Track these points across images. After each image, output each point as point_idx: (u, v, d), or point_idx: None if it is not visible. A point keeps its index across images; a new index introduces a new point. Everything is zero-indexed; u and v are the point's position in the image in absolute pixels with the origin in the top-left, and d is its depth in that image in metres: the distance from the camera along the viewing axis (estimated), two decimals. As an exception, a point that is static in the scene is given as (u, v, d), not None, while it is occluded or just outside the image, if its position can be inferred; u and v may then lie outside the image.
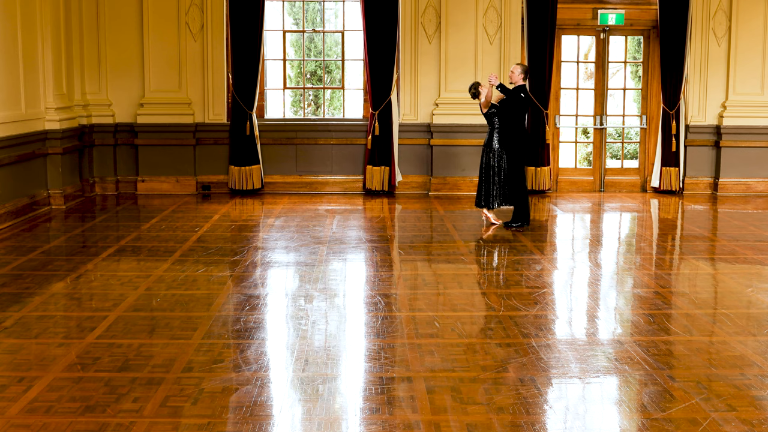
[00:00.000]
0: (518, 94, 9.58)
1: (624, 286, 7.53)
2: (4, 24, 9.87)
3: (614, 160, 15.03)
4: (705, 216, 11.21)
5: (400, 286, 7.20)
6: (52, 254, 8.40)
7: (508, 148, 9.74)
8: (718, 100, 12.71)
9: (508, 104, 9.66)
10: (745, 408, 4.52)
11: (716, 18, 12.55)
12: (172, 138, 12.34)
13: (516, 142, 9.75)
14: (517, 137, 9.74)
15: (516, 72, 9.68)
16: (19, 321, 6.05)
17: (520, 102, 9.60)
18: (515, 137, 9.73)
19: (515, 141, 9.74)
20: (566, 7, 12.56)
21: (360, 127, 12.63)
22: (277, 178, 12.62)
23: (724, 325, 6.08)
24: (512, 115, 9.67)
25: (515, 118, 9.68)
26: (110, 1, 12.12)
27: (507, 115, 9.69)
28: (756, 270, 7.93)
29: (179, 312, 6.29)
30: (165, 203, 11.58)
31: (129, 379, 4.89)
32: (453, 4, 12.26)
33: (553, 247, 9.26)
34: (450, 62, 12.35)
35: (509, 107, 9.65)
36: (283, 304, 6.68)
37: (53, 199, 10.96)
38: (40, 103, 10.78)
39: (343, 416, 4.44)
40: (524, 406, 4.52)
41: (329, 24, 15.70)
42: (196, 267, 7.74)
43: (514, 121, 9.69)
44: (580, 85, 13.50)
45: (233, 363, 5.17)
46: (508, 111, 9.67)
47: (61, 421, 4.29)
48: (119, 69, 12.28)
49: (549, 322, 6.19)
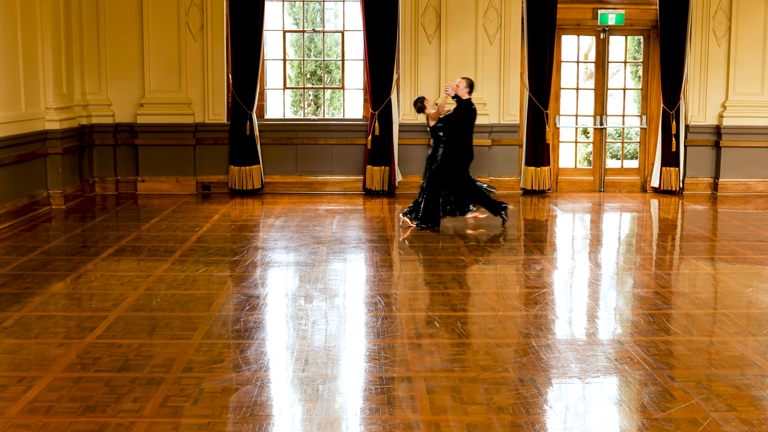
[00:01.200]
0: (470, 106, 9.63)
1: (624, 286, 7.53)
2: (4, 24, 9.87)
3: (614, 160, 15.03)
4: (705, 216, 11.21)
5: (400, 286, 7.20)
6: (52, 254, 8.40)
7: (454, 162, 9.67)
8: (718, 100, 12.71)
9: (456, 118, 9.63)
10: (745, 408, 4.52)
11: (716, 18, 12.55)
12: (172, 138, 12.34)
13: (462, 156, 9.72)
14: (463, 150, 9.72)
15: (462, 86, 9.66)
16: (19, 321, 6.05)
17: (469, 115, 9.61)
18: (461, 151, 9.70)
19: (461, 154, 9.71)
20: (566, 7, 12.56)
21: (360, 127, 12.63)
22: (277, 178, 12.62)
23: (724, 325, 6.08)
24: (459, 129, 9.65)
25: (462, 131, 9.67)
26: (110, 1, 12.12)
27: (454, 129, 9.65)
28: (756, 270, 7.93)
29: (179, 312, 6.29)
30: (165, 203, 11.58)
31: (129, 379, 4.89)
32: (453, 4, 12.27)
33: (553, 247, 9.26)
34: (450, 62, 12.35)
35: (457, 121, 9.63)
36: (283, 304, 6.68)
37: (53, 199, 10.96)
38: (40, 103, 10.78)
39: (343, 416, 4.44)
40: (524, 406, 4.52)
41: (329, 24, 15.71)
42: (196, 267, 7.74)
43: (460, 134, 9.66)
44: (580, 85, 13.50)
45: (233, 363, 5.17)
46: (455, 125, 9.64)
47: (61, 421, 4.29)
48: (119, 69, 12.28)
49: (549, 322, 6.20)
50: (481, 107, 12.40)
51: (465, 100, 9.63)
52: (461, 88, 9.62)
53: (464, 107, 9.63)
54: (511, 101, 12.54)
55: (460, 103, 9.64)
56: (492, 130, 12.48)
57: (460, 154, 9.71)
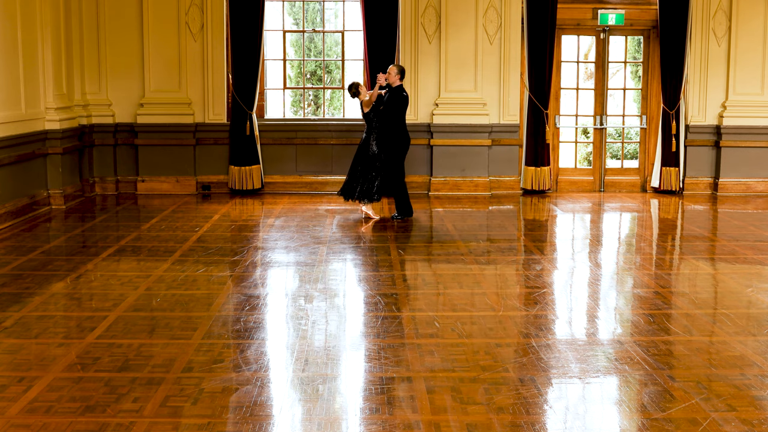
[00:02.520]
0: (401, 92, 9.92)
1: (624, 286, 7.53)
2: (4, 24, 9.87)
3: (614, 160, 15.03)
4: (705, 216, 11.21)
5: (400, 286, 7.20)
6: (52, 254, 8.40)
7: (386, 148, 10.03)
8: (718, 100, 12.71)
9: (388, 103, 9.94)
10: (745, 408, 4.52)
11: (716, 18, 12.55)
12: (172, 138, 12.34)
13: (394, 142, 10.03)
14: (396, 137, 10.02)
15: (393, 73, 10.00)
16: (19, 321, 6.05)
17: (401, 101, 9.91)
18: (394, 137, 10.01)
19: (393, 141, 10.03)
20: (566, 7, 12.56)
21: (360, 127, 12.60)
22: (277, 178, 12.62)
23: (724, 325, 6.08)
24: (392, 115, 9.96)
25: (395, 118, 9.98)
26: (110, 1, 12.13)
27: (386, 116, 9.97)
28: (756, 270, 7.93)
29: (179, 312, 6.29)
30: (165, 203, 11.58)
31: (129, 379, 4.89)
32: (453, 4, 12.27)
33: (553, 247, 9.26)
34: (450, 62, 12.35)
35: (389, 107, 9.93)
36: (283, 304, 6.68)
37: (53, 199, 10.96)
38: (40, 103, 10.78)
39: (343, 416, 4.44)
40: (524, 406, 4.52)
41: (329, 24, 15.71)
42: (196, 267, 7.74)
43: (393, 121, 9.98)
44: (580, 85, 13.50)
45: (233, 363, 5.17)
46: (388, 111, 9.95)
47: (61, 421, 4.29)
48: (119, 69, 12.28)
49: (549, 322, 6.20)
50: (481, 107, 12.43)
51: (396, 86, 9.96)
52: (392, 75, 9.98)
53: (396, 94, 9.95)
54: (511, 101, 12.54)
55: (391, 90, 9.97)
56: (492, 130, 12.49)
57: (394, 141, 10.03)
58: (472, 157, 12.43)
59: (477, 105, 12.41)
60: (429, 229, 10.12)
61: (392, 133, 10.02)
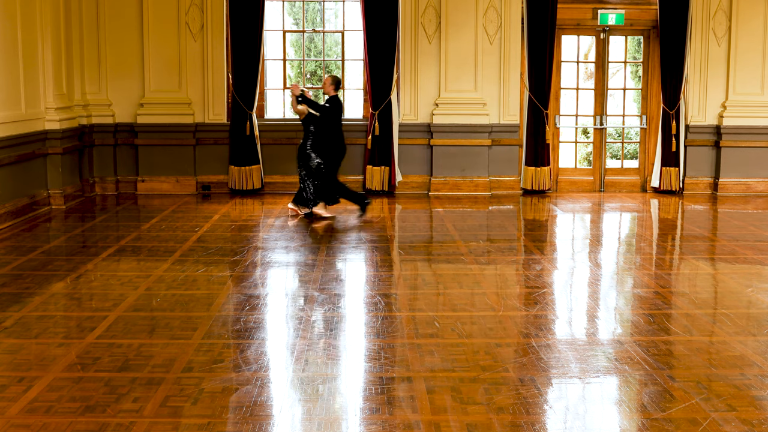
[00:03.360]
0: (337, 101, 10.37)
1: (624, 286, 7.53)
2: (4, 24, 9.87)
3: (614, 160, 15.04)
4: (705, 216, 11.21)
5: (400, 286, 7.20)
6: (52, 254, 8.40)
7: (322, 154, 10.33)
8: (718, 100, 12.71)
9: (326, 111, 10.33)
10: (745, 408, 4.52)
11: (716, 18, 12.55)
12: (172, 138, 12.34)
13: (329, 149, 10.37)
14: (331, 144, 10.38)
15: (327, 83, 10.46)
16: (19, 321, 6.05)
17: (336, 109, 10.37)
18: (328, 144, 10.36)
19: (328, 147, 10.36)
20: (566, 7, 12.56)
21: (360, 127, 12.63)
22: (277, 178, 12.62)
23: (724, 325, 6.08)
24: (326, 123, 10.32)
25: (329, 125, 10.33)
26: (110, 1, 12.13)
27: (322, 123, 10.32)
28: (756, 270, 7.93)
29: (179, 312, 6.29)
30: (165, 203, 11.58)
31: (129, 379, 4.89)
32: (453, 4, 12.26)
33: (553, 247, 9.26)
34: (450, 62, 12.35)
35: (324, 116, 10.31)
36: (283, 304, 6.68)
37: (53, 199, 10.95)
38: (40, 103, 10.78)
39: (343, 416, 4.44)
40: (524, 406, 4.52)
41: (329, 24, 15.72)
42: (196, 267, 7.74)
43: (329, 128, 10.34)
44: (580, 85, 13.50)
45: (233, 363, 5.17)
46: (323, 119, 10.31)
47: (61, 421, 4.29)
48: (119, 69, 12.28)
49: (549, 322, 6.20)
50: (481, 107, 12.43)
51: (332, 96, 10.38)
52: (327, 85, 10.43)
53: (332, 103, 10.34)
54: (511, 101, 12.54)
55: (329, 100, 10.37)
56: (492, 130, 12.49)
57: (330, 147, 10.37)
58: (472, 157, 12.42)
59: (477, 105, 12.41)
60: (429, 229, 10.12)
61: (327, 140, 10.35)
